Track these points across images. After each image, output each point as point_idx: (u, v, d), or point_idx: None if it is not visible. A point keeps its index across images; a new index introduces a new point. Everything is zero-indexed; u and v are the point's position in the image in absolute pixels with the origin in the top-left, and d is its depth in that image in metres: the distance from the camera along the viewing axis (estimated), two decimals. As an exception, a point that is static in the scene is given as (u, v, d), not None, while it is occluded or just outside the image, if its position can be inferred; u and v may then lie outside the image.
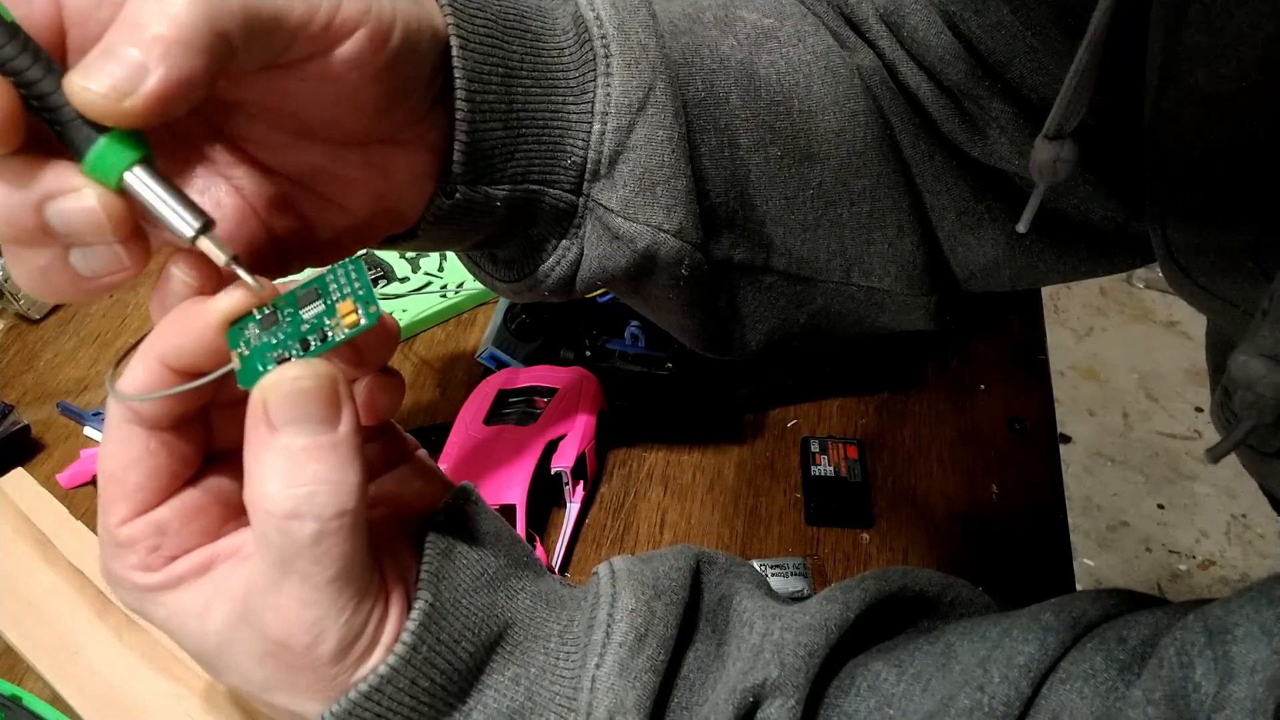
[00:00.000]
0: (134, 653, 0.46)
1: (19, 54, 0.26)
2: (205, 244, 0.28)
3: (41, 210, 0.27)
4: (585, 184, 0.41)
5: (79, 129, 0.27)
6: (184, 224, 0.28)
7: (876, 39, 0.48)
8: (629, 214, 0.41)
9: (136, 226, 0.28)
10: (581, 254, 0.42)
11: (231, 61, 0.27)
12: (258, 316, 0.29)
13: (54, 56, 0.27)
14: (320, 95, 0.32)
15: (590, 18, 0.40)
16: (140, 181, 0.27)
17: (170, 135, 0.31)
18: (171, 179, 0.28)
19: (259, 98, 0.31)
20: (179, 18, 0.25)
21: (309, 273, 0.31)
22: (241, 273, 0.29)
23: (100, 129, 0.27)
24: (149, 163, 0.27)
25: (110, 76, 0.25)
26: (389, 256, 0.71)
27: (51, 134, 0.27)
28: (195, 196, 0.29)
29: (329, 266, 0.31)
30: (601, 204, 0.41)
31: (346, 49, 0.30)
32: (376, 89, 0.32)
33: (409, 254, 0.71)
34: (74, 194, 0.27)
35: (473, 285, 0.68)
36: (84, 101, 0.26)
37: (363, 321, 0.29)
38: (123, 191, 0.27)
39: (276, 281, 0.31)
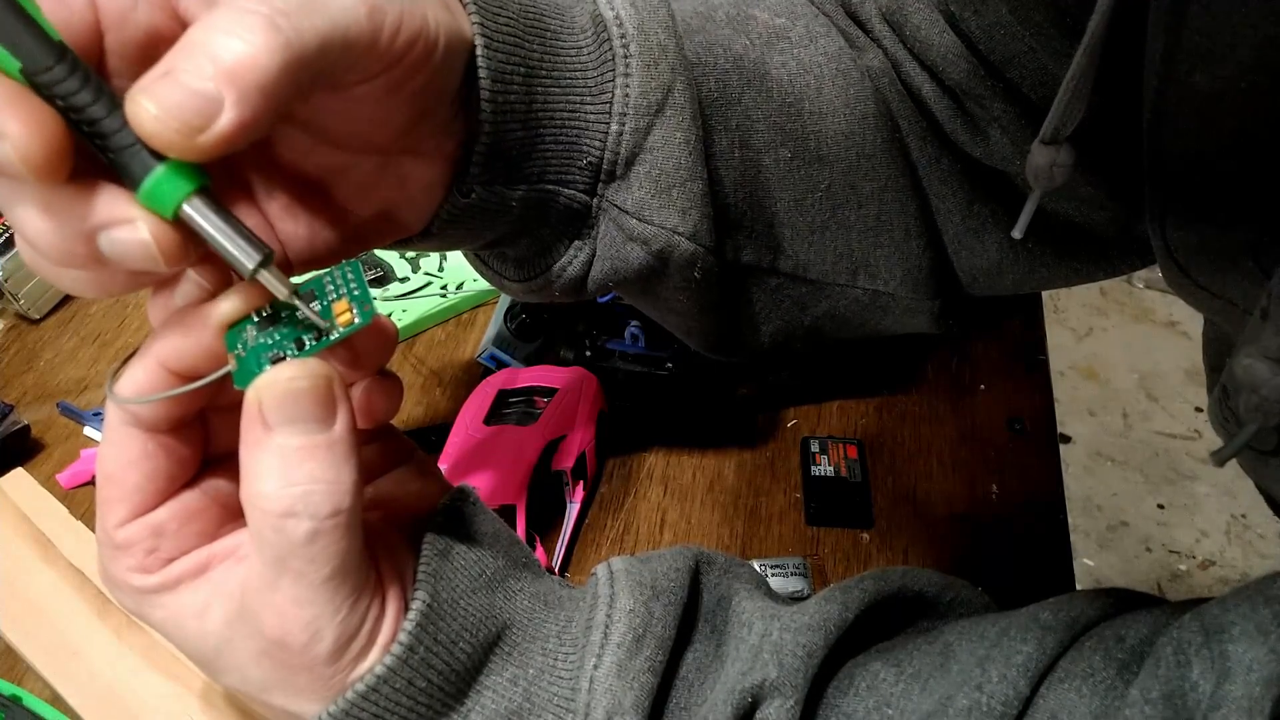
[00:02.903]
0: (134, 653, 0.46)
1: (67, 76, 0.24)
2: (265, 277, 0.28)
3: (93, 240, 0.26)
4: (600, 185, 0.41)
5: (135, 155, 0.25)
6: (244, 257, 0.27)
7: (880, 38, 0.48)
8: (644, 216, 0.41)
9: (191, 246, 0.27)
10: (594, 255, 0.42)
11: (297, 98, 0.26)
12: (256, 319, 0.29)
13: (92, 58, 0.26)
14: (356, 113, 0.31)
15: (609, 17, 0.39)
16: (199, 213, 0.26)
17: None
18: (228, 207, 0.27)
19: (295, 110, 0.31)
20: (259, 62, 0.24)
21: (308, 274, 0.31)
22: (303, 306, 0.29)
23: (158, 156, 0.25)
24: (207, 193, 0.26)
25: (181, 109, 0.24)
26: (389, 257, 0.71)
27: (95, 151, 0.26)
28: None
29: (327, 268, 0.31)
30: (616, 205, 0.41)
31: (394, 75, 0.30)
32: (410, 108, 0.32)
33: (409, 254, 0.71)
34: (127, 225, 0.26)
35: (472, 286, 0.68)
36: (151, 131, 0.24)
37: (357, 320, 0.29)
38: (178, 220, 0.26)
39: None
